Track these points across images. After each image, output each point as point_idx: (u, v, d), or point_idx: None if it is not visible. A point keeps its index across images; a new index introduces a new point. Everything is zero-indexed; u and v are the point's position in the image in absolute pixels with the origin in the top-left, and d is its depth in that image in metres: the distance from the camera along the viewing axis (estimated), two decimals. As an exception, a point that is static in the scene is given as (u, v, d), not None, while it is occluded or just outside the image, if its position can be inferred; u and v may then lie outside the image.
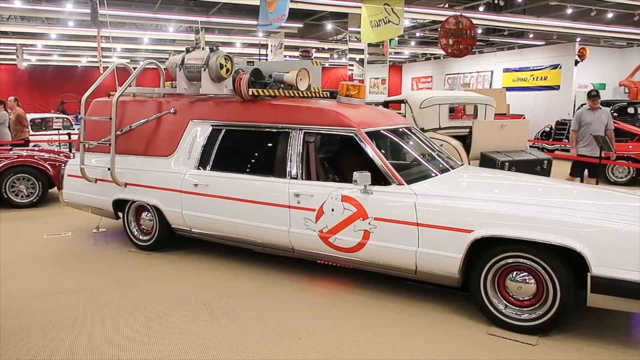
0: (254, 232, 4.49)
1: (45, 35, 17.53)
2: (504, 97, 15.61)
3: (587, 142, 7.41)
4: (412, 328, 3.55)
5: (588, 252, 3.14)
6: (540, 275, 3.35)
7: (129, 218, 5.37)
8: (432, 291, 4.05)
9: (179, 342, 3.36)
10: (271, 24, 10.13)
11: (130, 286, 4.35)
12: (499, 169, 5.97)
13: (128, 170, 5.19)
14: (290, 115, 4.47)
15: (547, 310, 3.34)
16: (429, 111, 6.95)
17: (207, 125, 4.91)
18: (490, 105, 7.51)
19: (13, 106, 10.35)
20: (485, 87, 20.39)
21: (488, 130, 6.61)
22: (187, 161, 4.90)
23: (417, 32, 17.52)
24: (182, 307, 3.91)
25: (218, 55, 4.79)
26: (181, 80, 5.13)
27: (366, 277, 4.34)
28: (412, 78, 27.11)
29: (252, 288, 4.30)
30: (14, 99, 10.56)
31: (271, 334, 3.48)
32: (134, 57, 23.86)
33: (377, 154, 4.02)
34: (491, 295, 3.53)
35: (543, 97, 18.27)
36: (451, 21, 11.73)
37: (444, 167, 4.45)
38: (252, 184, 4.48)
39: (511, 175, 5.06)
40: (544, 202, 3.58)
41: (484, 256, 3.51)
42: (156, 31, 17.05)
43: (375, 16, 11.32)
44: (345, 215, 3.95)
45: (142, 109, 5.31)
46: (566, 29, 14.71)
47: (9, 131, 9.84)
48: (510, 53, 20.24)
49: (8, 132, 9.75)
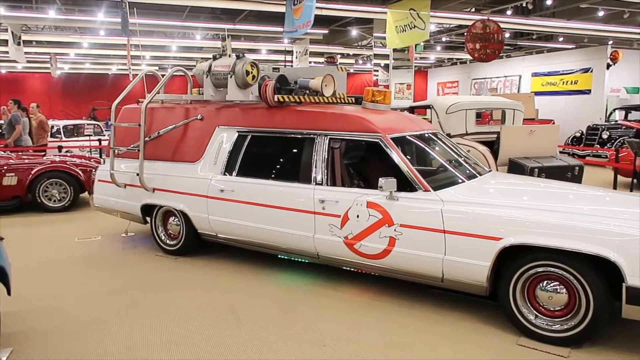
0: (279, 237, 4.50)
1: (77, 44, 18.05)
2: (532, 102, 15.32)
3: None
4: (438, 337, 3.49)
5: (623, 261, 3.03)
6: (572, 285, 3.26)
7: (157, 223, 5.45)
8: (459, 299, 3.98)
9: (205, 347, 3.38)
10: (297, 30, 10.20)
11: (157, 290, 4.41)
12: (528, 175, 5.85)
13: (156, 175, 5.28)
14: (316, 121, 4.47)
15: (579, 322, 3.23)
16: (455, 116, 6.87)
17: (233, 131, 4.96)
18: (519, 110, 7.38)
19: (35, 112, 10.62)
20: (513, 91, 20.06)
21: (517, 136, 6.49)
22: (214, 167, 4.95)
23: (443, 36, 17.37)
24: (208, 312, 3.93)
25: (244, 62, 4.83)
26: (208, 87, 5.19)
27: (392, 284, 4.29)
28: (437, 83, 26.88)
29: (277, 293, 4.31)
30: (36, 105, 10.82)
31: (296, 339, 3.47)
32: (162, 65, 24.34)
33: (403, 159, 3.99)
34: (521, 305, 3.44)
35: (573, 102, 17.88)
36: (478, 25, 11.60)
37: (471, 174, 4.38)
38: (277, 190, 4.49)
39: (540, 181, 4.95)
40: (575, 210, 3.49)
41: (513, 264, 3.43)
42: (184, 39, 17.36)
43: (401, 21, 11.29)
44: (370, 221, 3.93)
45: (169, 115, 5.39)
46: (597, 32, 14.37)
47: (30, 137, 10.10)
48: (539, 57, 19.88)
49: (29, 138, 10.02)
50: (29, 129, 10.10)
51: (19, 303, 3.92)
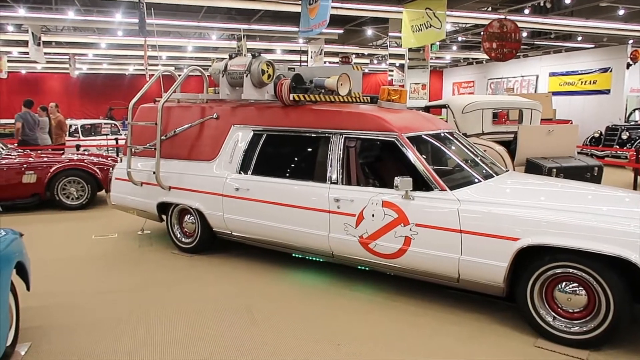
0: (293, 236, 4.50)
1: (95, 45, 18.29)
2: (550, 102, 15.11)
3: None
4: (454, 338, 3.46)
5: (644, 263, 2.97)
6: (591, 287, 3.20)
7: (172, 221, 5.49)
8: (475, 300, 3.94)
9: (220, 344, 3.39)
10: (312, 30, 10.20)
11: (173, 288, 4.44)
12: (546, 175, 5.77)
13: (172, 174, 5.32)
14: (331, 120, 4.46)
15: (599, 324, 3.18)
16: (471, 116, 6.80)
17: (248, 130, 4.97)
18: (537, 110, 7.28)
19: (54, 112, 10.77)
20: (530, 91, 19.84)
21: (534, 136, 6.40)
22: (229, 165, 4.97)
23: (459, 36, 17.23)
24: (223, 310, 3.95)
25: (260, 62, 4.84)
26: (224, 86, 5.21)
27: (407, 284, 4.27)
28: (453, 83, 26.69)
29: (291, 292, 4.31)
30: (55, 105, 10.99)
31: (311, 338, 3.47)
32: (178, 65, 24.55)
33: (419, 159, 3.96)
34: (538, 306, 3.39)
35: (592, 102, 17.62)
36: (495, 24, 11.47)
37: (488, 173, 4.33)
38: (293, 189, 4.49)
39: (558, 181, 4.87)
40: (594, 210, 3.43)
41: (530, 265, 3.38)
42: (200, 39, 17.49)
43: (417, 21, 11.22)
44: (385, 221, 3.90)
45: (186, 114, 5.43)
46: (617, 31, 14.12)
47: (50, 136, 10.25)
48: (556, 56, 19.62)
49: (48, 137, 10.16)
50: (49, 128, 10.26)
51: (37, 299, 3.99)
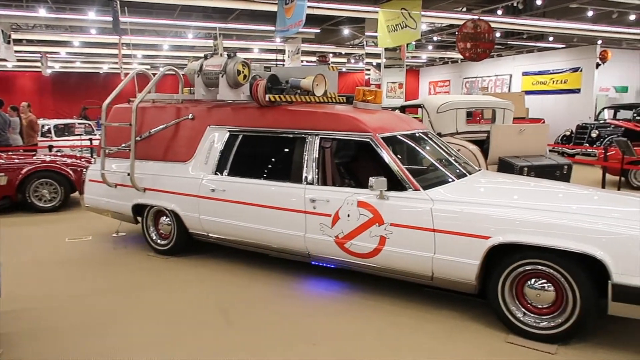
0: (270, 237, 4.52)
1: (68, 43, 17.92)
2: (523, 101, 15.44)
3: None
4: (429, 335, 3.52)
5: (609, 259, 3.08)
6: (559, 283, 3.30)
7: (148, 223, 5.44)
8: (450, 298, 4.01)
9: (196, 347, 3.39)
10: (288, 29, 10.21)
11: (149, 290, 4.41)
12: (517, 174, 5.90)
13: (147, 175, 5.27)
14: (307, 121, 4.49)
15: (566, 319, 3.28)
16: (446, 116, 6.91)
17: (224, 130, 4.96)
18: (509, 110, 7.44)
19: (25, 111, 10.48)
20: (504, 90, 20.21)
21: (506, 135, 6.54)
22: (205, 166, 4.96)
23: (434, 36, 17.44)
24: (199, 312, 3.94)
25: (235, 62, 4.83)
26: (199, 86, 5.19)
27: (383, 283, 4.32)
28: (429, 82, 26.99)
29: (268, 293, 4.32)
30: (27, 104, 10.67)
31: (287, 339, 3.49)
32: (154, 64, 24.24)
33: (393, 159, 4.01)
34: (509, 303, 3.48)
35: (563, 101, 18.04)
36: (469, 25, 11.66)
37: (461, 173, 4.42)
38: (269, 189, 4.51)
39: (530, 180, 5.00)
40: (563, 209, 3.53)
41: (501, 263, 3.46)
42: (175, 38, 17.30)
43: (392, 21, 11.33)
44: (361, 220, 3.95)
45: (161, 115, 5.38)
46: (587, 32, 14.49)
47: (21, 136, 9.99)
48: (529, 56, 20.02)
49: (19, 138, 9.91)
50: (20, 128, 10.01)
51: (9, 304, 3.91)
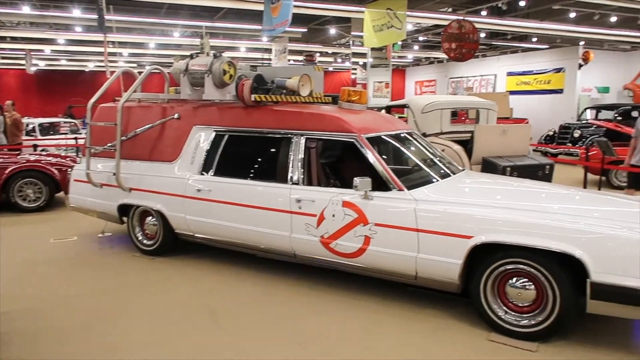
0: (256, 237, 4.53)
1: (53, 41, 17.71)
2: (507, 101, 15.62)
3: (638, 151, 6.58)
4: (414, 334, 3.57)
5: (588, 258, 3.15)
6: (540, 282, 3.37)
7: (134, 223, 5.43)
8: (434, 297, 4.07)
9: (184, 347, 3.40)
10: (275, 29, 10.21)
11: (135, 291, 4.40)
12: (500, 174, 5.98)
13: (133, 175, 5.25)
14: (292, 121, 4.51)
15: (547, 317, 3.35)
16: (431, 116, 6.98)
17: (210, 130, 4.97)
18: (492, 110, 7.53)
19: (9, 110, 10.31)
20: (488, 90, 20.42)
21: (490, 135, 6.63)
22: (191, 166, 4.95)
23: (420, 36, 17.56)
24: (186, 312, 3.95)
25: (221, 62, 4.84)
26: (185, 86, 5.18)
27: (368, 282, 4.36)
28: (415, 82, 27.16)
29: (254, 293, 4.34)
30: (11, 103, 10.49)
31: (274, 339, 3.51)
32: (140, 62, 24.04)
33: (378, 159, 4.05)
34: (491, 302, 3.54)
35: (547, 101, 18.28)
36: (454, 25, 11.77)
37: (445, 173, 4.48)
38: (254, 190, 4.52)
39: (513, 180, 5.08)
40: (545, 209, 3.59)
41: (484, 262, 3.52)
42: (162, 36, 17.18)
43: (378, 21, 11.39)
44: (345, 220, 3.99)
45: (146, 114, 5.37)
46: (569, 33, 14.71)
47: (5, 136, 9.86)
48: (513, 57, 20.26)
49: (3, 137, 9.77)
50: (4, 127, 9.88)
51: (-8, 305, 3.89)
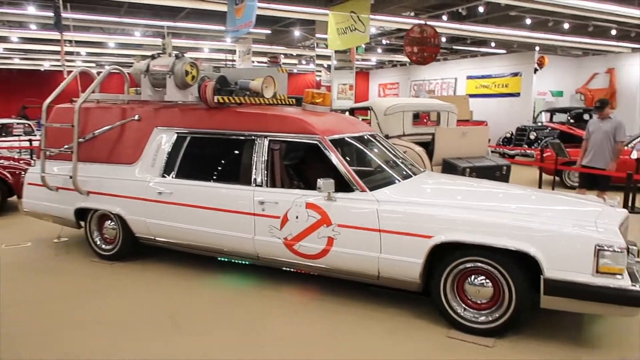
0: (219, 240, 4.49)
1: (6, 39, 17.03)
2: (467, 104, 16.02)
3: (589, 152, 7.02)
4: (375, 334, 3.62)
5: (541, 255, 3.27)
6: (497, 279, 3.48)
7: (92, 227, 5.29)
8: (396, 296, 4.13)
9: (145, 354, 3.34)
10: (238, 30, 10.15)
11: (94, 297, 4.29)
12: (460, 174, 6.15)
13: (91, 178, 5.11)
14: (256, 123, 4.50)
15: (503, 313, 3.46)
16: (393, 118, 7.10)
17: (172, 132, 4.89)
18: (452, 112, 7.73)
19: None
20: (449, 93, 20.88)
21: (450, 137, 6.80)
22: (152, 169, 4.87)
23: (383, 39, 17.80)
24: (146, 318, 3.87)
25: (183, 62, 4.78)
26: (146, 86, 5.09)
27: (331, 283, 4.39)
28: (379, 84, 27.50)
29: (217, 297, 4.30)
30: None
31: (236, 343, 3.49)
32: (99, 62, 23.42)
33: (341, 161, 4.09)
34: (451, 299, 3.63)
35: (504, 104, 18.84)
36: (416, 29, 12.00)
37: (407, 174, 4.56)
38: (217, 192, 4.48)
39: (472, 181, 5.22)
40: (502, 208, 3.71)
41: (443, 261, 3.61)
42: (122, 35, 16.77)
43: (342, 24, 11.48)
44: (309, 222, 4.00)
45: (105, 115, 5.24)
46: (525, 38, 15.23)
47: None
48: (473, 61, 20.80)
49: None
50: None
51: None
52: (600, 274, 3.16)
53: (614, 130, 6.80)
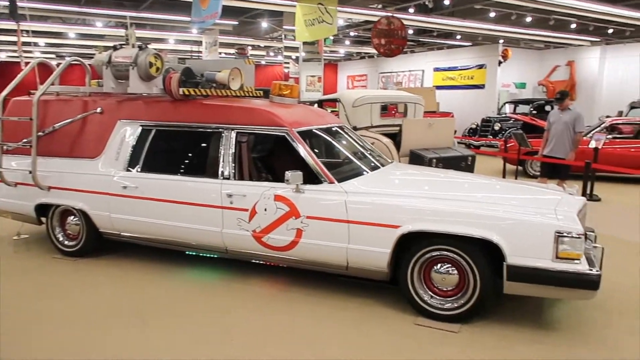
0: (186, 233, 4.44)
1: (-44, 28, 16.26)
2: (434, 96, 16.25)
3: (550, 143, 7.29)
4: (345, 323, 3.65)
5: (504, 243, 3.37)
6: (462, 267, 3.56)
7: (54, 223, 5.14)
8: (365, 286, 4.17)
9: (112, 350, 3.28)
10: (204, 21, 9.99)
11: (57, 294, 4.18)
12: (427, 165, 6.24)
13: (52, 173, 4.96)
14: (222, 115, 4.45)
15: (468, 299, 3.55)
16: (361, 110, 7.13)
17: (136, 125, 4.79)
18: (419, 104, 7.82)
19: None
20: (416, 85, 21.13)
21: (417, 129, 6.89)
22: (116, 163, 4.76)
23: (351, 31, 17.83)
24: (113, 315, 3.80)
25: (147, 54, 4.67)
26: (108, 78, 4.96)
27: (300, 275, 4.41)
28: (347, 76, 27.57)
29: (185, 291, 4.26)
30: None
31: (205, 337, 3.47)
32: (59, 53, 22.66)
33: (309, 153, 4.09)
34: (418, 287, 3.70)
35: (470, 96, 19.21)
36: (383, 22, 12.06)
37: (375, 165, 4.60)
38: (184, 185, 4.42)
39: (439, 172, 5.31)
40: (467, 198, 3.79)
41: (411, 250, 3.67)
42: (84, 26, 16.26)
43: (310, 15, 11.44)
44: (278, 214, 4.00)
45: (66, 108, 5.08)
46: (490, 31, 15.53)
47: None
48: (439, 53, 21.09)
49: None
50: None
51: None
52: (559, 259, 3.28)
53: (574, 121, 7.05)
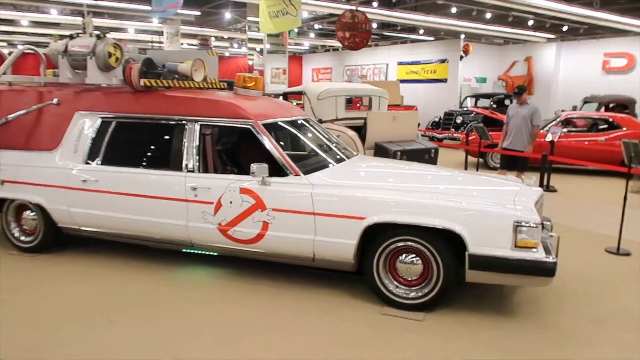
0: (150, 227, 4.36)
1: None
2: (398, 89, 16.43)
3: (509, 136, 7.48)
4: (312, 314, 3.68)
5: (466, 233, 3.46)
6: (425, 257, 3.64)
7: (8, 218, 4.94)
8: (331, 277, 4.21)
9: (75, 349, 3.19)
10: (165, 10, 9.77)
11: (15, 291, 4.03)
12: (391, 157, 6.32)
13: (6, 166, 4.76)
14: (186, 107, 4.37)
15: (432, 288, 3.64)
16: (326, 102, 7.14)
17: (95, 117, 4.65)
18: (384, 97, 7.90)
19: None
20: (381, 79, 21.31)
21: (381, 121, 6.96)
22: (74, 155, 4.61)
23: (315, 24, 17.79)
24: (76, 312, 3.69)
25: (105, 43, 4.54)
26: (64, 68, 4.79)
27: (267, 267, 4.40)
28: (312, 69, 27.51)
29: (149, 287, 4.18)
30: None
31: (172, 333, 3.42)
32: (11, 41, 21.69)
33: (274, 145, 4.08)
34: (383, 277, 3.76)
35: (433, 89, 19.54)
36: (347, 15, 12.08)
37: (340, 157, 4.62)
38: (147, 178, 4.33)
39: (403, 164, 5.38)
40: (430, 189, 3.86)
41: (376, 241, 3.72)
42: (38, 13, 15.59)
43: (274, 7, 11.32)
44: (243, 207, 3.97)
45: (20, 99, 4.88)
46: (452, 27, 15.79)
47: None
48: (403, 47, 21.32)
49: None
50: None
51: None
52: (518, 248, 3.40)
53: (531, 115, 7.29)
